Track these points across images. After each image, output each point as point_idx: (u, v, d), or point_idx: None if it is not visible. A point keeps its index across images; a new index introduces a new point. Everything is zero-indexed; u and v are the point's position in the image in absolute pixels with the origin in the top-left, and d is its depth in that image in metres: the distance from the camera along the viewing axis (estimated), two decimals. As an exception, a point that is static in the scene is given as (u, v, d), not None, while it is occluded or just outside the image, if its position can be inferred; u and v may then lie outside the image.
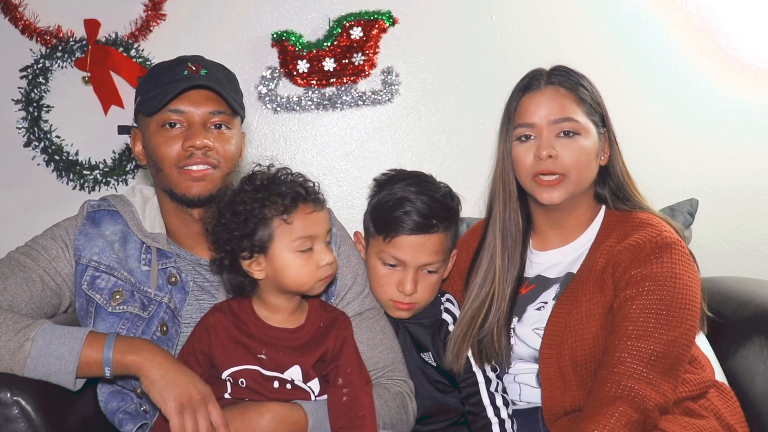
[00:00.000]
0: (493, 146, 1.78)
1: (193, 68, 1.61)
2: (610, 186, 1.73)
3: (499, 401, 1.69)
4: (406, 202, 1.70)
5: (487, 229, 1.78)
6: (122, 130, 1.80)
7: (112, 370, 1.45)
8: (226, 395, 1.51)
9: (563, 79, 1.69)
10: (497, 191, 1.75)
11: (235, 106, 1.63)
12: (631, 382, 1.48)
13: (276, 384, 1.51)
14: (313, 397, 1.53)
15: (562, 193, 1.65)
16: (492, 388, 1.70)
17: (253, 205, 1.46)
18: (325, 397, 1.54)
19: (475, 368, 1.71)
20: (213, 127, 1.62)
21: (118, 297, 1.61)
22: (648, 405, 1.47)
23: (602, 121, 1.70)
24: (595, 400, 1.51)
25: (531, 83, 1.70)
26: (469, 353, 1.70)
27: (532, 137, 1.67)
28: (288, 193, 1.46)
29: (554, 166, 1.63)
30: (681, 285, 1.55)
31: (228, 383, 1.51)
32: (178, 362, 1.47)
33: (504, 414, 1.68)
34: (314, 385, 1.53)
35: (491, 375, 1.72)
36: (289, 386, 1.51)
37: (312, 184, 1.52)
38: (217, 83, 1.61)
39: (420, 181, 1.75)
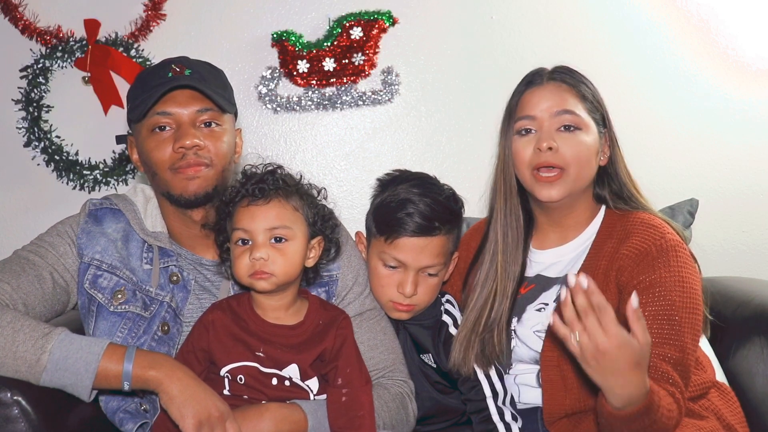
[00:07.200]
0: (494, 146, 1.78)
1: (177, 69, 1.61)
2: (612, 186, 1.72)
3: (508, 416, 1.66)
4: (409, 203, 1.69)
5: (489, 227, 1.78)
6: (120, 139, 1.80)
7: (131, 384, 1.44)
8: (225, 392, 1.51)
9: (566, 76, 1.69)
10: (498, 187, 1.74)
11: (222, 103, 1.62)
12: (666, 386, 1.44)
13: (274, 381, 1.51)
14: (311, 396, 1.54)
15: (561, 190, 1.64)
16: (500, 402, 1.68)
17: (227, 199, 1.56)
18: (324, 396, 1.54)
19: (481, 377, 1.69)
20: (203, 125, 1.62)
21: (120, 296, 1.61)
22: (682, 407, 1.45)
23: (603, 120, 1.69)
24: None
25: (533, 79, 1.70)
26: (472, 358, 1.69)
27: (532, 131, 1.66)
28: (242, 189, 1.53)
29: (554, 159, 1.62)
30: (688, 289, 1.55)
31: (226, 380, 1.51)
32: (198, 379, 1.46)
33: (515, 430, 1.65)
34: (312, 383, 1.54)
35: (498, 386, 1.69)
36: (287, 383, 1.51)
37: (269, 178, 1.54)
38: (200, 82, 1.60)
39: (424, 183, 1.75)
